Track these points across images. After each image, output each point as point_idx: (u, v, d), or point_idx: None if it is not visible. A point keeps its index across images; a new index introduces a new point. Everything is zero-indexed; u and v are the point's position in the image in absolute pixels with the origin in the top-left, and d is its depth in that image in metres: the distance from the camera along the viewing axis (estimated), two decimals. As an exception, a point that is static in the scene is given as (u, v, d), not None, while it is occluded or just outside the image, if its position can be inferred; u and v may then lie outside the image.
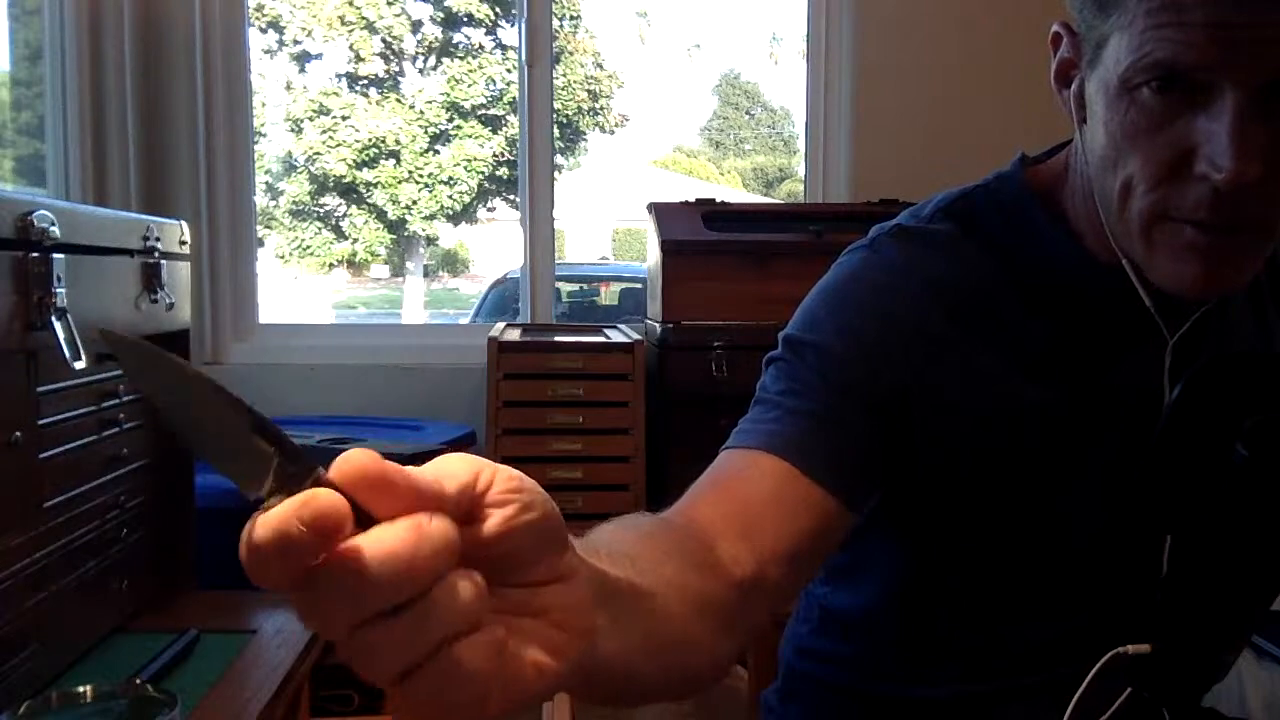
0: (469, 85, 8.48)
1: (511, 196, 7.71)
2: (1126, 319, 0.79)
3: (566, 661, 0.41)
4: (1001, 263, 0.81)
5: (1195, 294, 0.73)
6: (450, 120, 8.46)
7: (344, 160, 8.45)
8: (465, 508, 0.39)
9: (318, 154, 8.51)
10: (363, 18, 8.43)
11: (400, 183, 8.50)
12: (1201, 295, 0.74)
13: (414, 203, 8.49)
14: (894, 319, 0.79)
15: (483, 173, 8.45)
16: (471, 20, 8.51)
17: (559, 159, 7.62)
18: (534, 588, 0.41)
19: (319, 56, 8.67)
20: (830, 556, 0.94)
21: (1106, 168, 0.73)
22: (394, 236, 8.87)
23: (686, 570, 0.61)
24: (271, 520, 0.35)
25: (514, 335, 2.36)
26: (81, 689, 0.83)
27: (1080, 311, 0.80)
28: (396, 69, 8.74)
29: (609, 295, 5.68)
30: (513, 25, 3.98)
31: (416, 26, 8.82)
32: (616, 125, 9.33)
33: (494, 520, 0.39)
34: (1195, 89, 0.66)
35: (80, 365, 1.05)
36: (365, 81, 8.62)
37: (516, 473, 0.41)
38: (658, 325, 2.24)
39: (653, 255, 2.37)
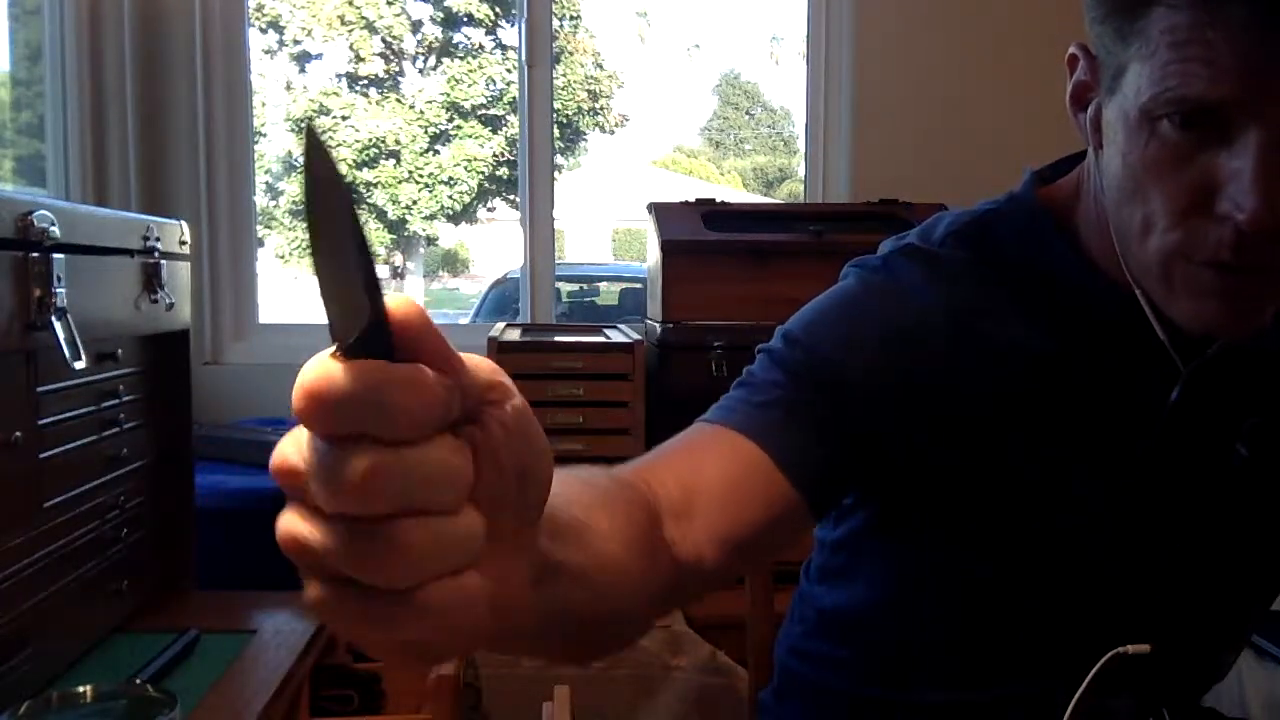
0: (469, 85, 8.47)
1: (511, 196, 7.71)
2: (1140, 348, 0.78)
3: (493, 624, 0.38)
4: (1014, 290, 0.80)
5: (1213, 333, 0.72)
6: (450, 120, 8.46)
7: (344, 160, 8.44)
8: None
9: (318, 154, 8.50)
10: (363, 18, 8.42)
11: (400, 183, 8.49)
12: (1222, 335, 0.73)
13: (414, 203, 8.49)
14: (900, 340, 0.78)
15: (483, 173, 8.44)
16: (471, 20, 8.51)
17: (559, 159, 7.60)
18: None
19: (319, 56, 8.67)
20: (819, 563, 0.94)
21: (1125, 199, 0.71)
22: (394, 236, 8.87)
23: (630, 552, 0.60)
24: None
25: (514, 335, 2.36)
26: (81, 689, 0.83)
27: (1092, 336, 0.79)
28: (396, 69, 8.73)
29: (609, 295, 5.67)
30: (513, 25, 3.98)
31: (416, 26, 8.82)
32: (616, 125, 9.33)
33: (501, 409, 0.38)
34: (1218, 124, 0.64)
35: (80, 365, 1.05)
36: (365, 81, 8.61)
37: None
38: (658, 325, 2.24)
39: (653, 255, 2.37)
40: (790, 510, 0.74)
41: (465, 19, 8.52)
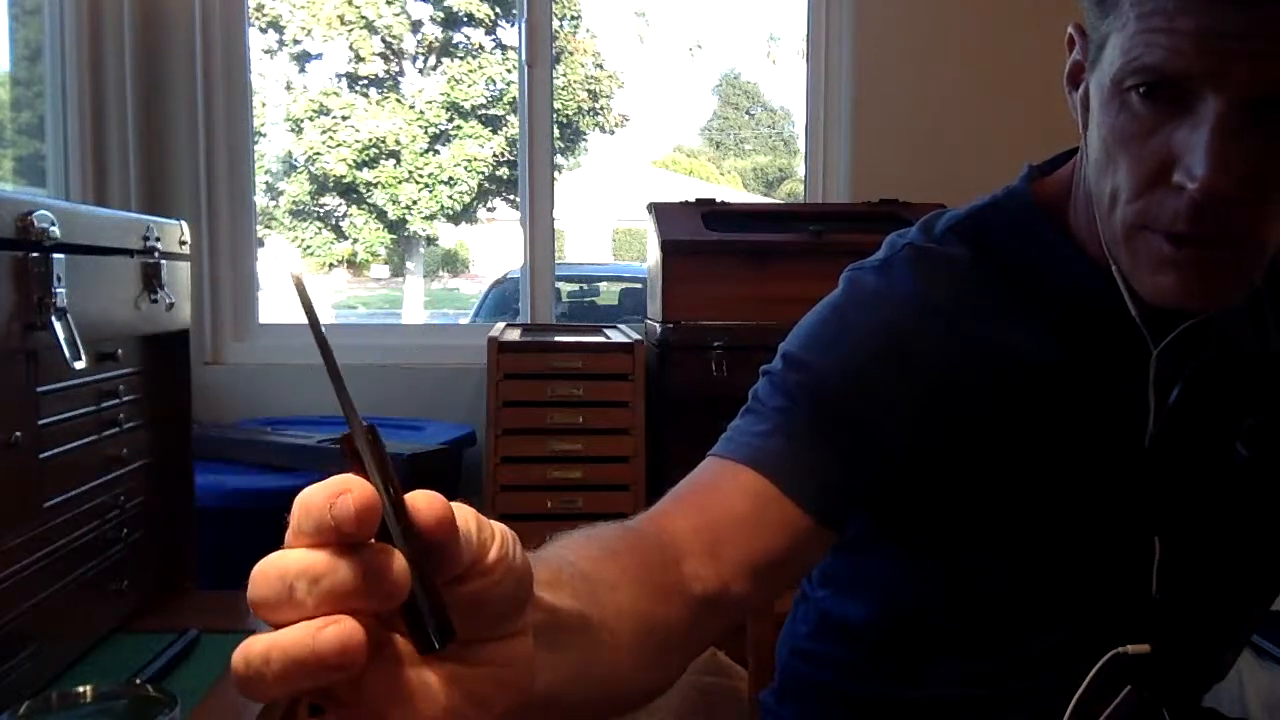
0: (469, 85, 8.46)
1: (511, 196, 7.70)
2: (1117, 328, 0.78)
3: (492, 714, 0.41)
4: (1011, 286, 0.81)
5: (1175, 305, 0.73)
6: (450, 120, 8.45)
7: (344, 160, 8.43)
8: (464, 569, 0.39)
9: (318, 154, 8.50)
10: (363, 18, 8.41)
11: (400, 183, 8.48)
12: (1182, 307, 0.73)
13: (414, 203, 8.48)
14: (897, 350, 0.78)
15: (483, 173, 8.43)
16: (471, 20, 8.50)
17: (559, 159, 7.60)
18: (481, 644, 0.41)
19: (319, 56, 8.66)
20: (822, 565, 0.94)
21: (1099, 172, 0.72)
22: (394, 236, 8.86)
23: (643, 594, 0.62)
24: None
25: (514, 335, 2.36)
26: (81, 689, 0.83)
27: (1085, 328, 0.80)
28: (396, 69, 8.72)
29: (609, 295, 5.67)
30: (513, 25, 3.98)
31: (416, 26, 8.81)
32: (616, 125, 9.32)
33: (477, 584, 0.39)
34: (1181, 97, 0.66)
35: (80, 365, 1.05)
36: (365, 81, 8.60)
37: (506, 535, 0.41)
38: (658, 325, 2.24)
39: (653, 255, 2.37)
40: (808, 533, 0.74)
41: (465, 19, 8.51)
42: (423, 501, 0.37)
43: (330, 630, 0.35)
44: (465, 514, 0.39)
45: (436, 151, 8.46)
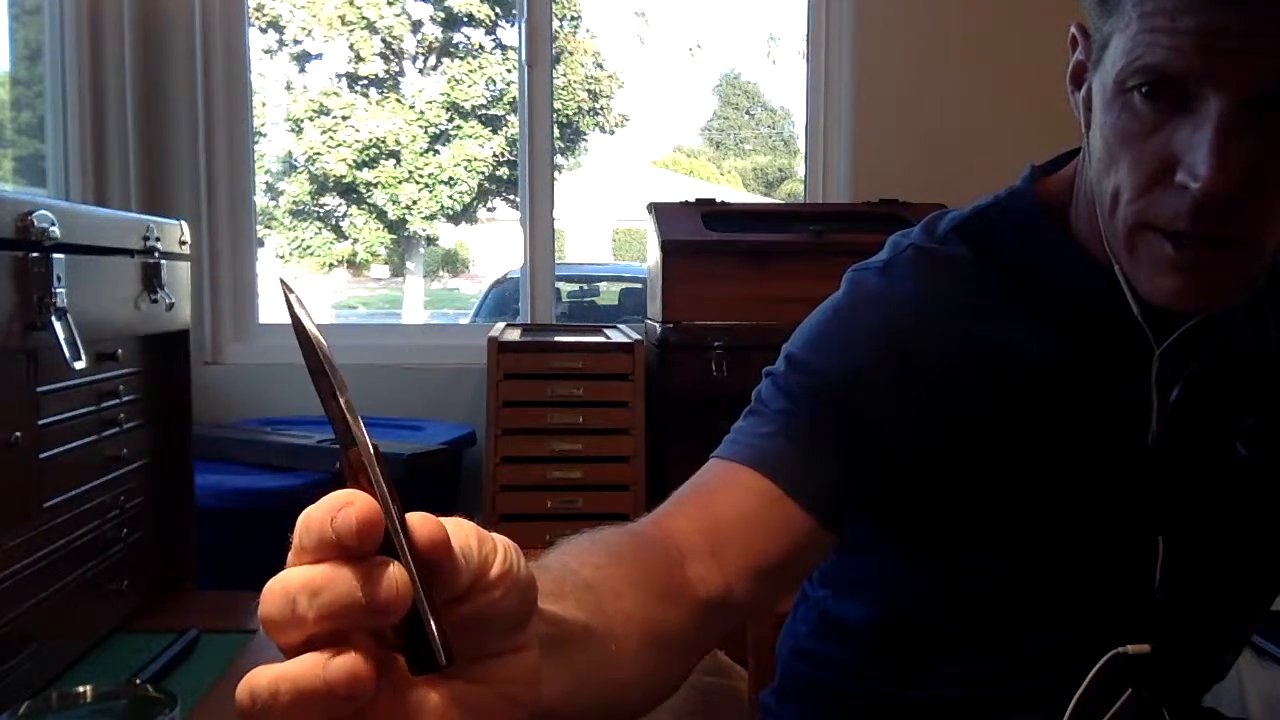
0: (469, 85, 8.46)
1: (511, 196, 7.69)
2: (1119, 328, 0.78)
3: None
4: (1013, 285, 0.81)
5: (1176, 306, 0.73)
6: (450, 120, 8.45)
7: (344, 160, 8.43)
8: (465, 588, 0.39)
9: (318, 154, 8.50)
10: (363, 18, 8.41)
11: (400, 183, 8.48)
12: (1182, 308, 0.74)
13: (414, 203, 8.48)
14: (898, 350, 0.78)
15: (483, 173, 8.43)
16: (471, 20, 8.49)
17: (559, 159, 7.58)
18: (485, 660, 0.41)
19: (319, 56, 8.66)
20: (823, 566, 0.94)
21: (1102, 172, 0.73)
22: (394, 236, 8.86)
23: (648, 601, 0.62)
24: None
25: (514, 335, 2.36)
26: (81, 689, 0.83)
27: (1082, 323, 0.80)
28: (396, 69, 8.72)
29: (609, 295, 5.66)
30: (513, 25, 3.98)
31: (416, 26, 8.81)
32: (616, 125, 9.31)
33: (480, 601, 0.39)
34: (1183, 97, 0.66)
35: (80, 365, 1.05)
36: (365, 81, 8.60)
37: (509, 549, 0.41)
38: (658, 325, 2.24)
39: (653, 255, 2.37)
40: (810, 534, 0.75)
41: (465, 19, 8.50)
42: (417, 522, 0.37)
43: (340, 660, 0.35)
44: (466, 530, 0.39)
45: (436, 151, 8.46)
